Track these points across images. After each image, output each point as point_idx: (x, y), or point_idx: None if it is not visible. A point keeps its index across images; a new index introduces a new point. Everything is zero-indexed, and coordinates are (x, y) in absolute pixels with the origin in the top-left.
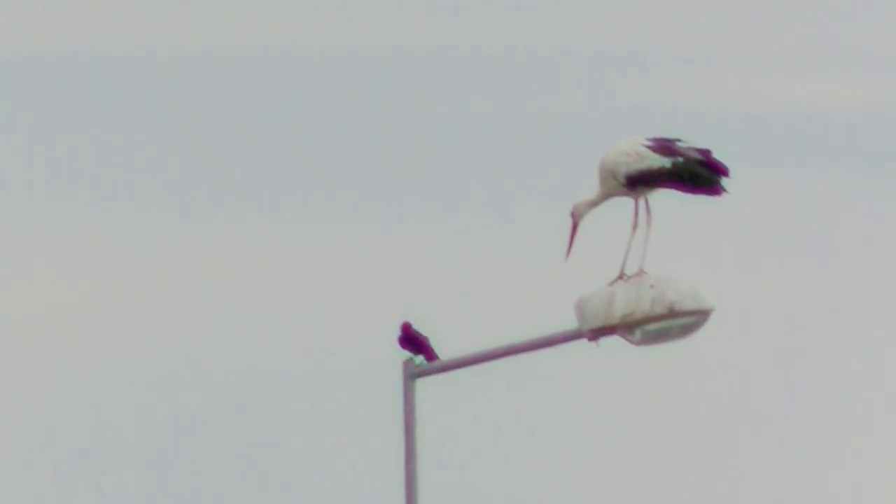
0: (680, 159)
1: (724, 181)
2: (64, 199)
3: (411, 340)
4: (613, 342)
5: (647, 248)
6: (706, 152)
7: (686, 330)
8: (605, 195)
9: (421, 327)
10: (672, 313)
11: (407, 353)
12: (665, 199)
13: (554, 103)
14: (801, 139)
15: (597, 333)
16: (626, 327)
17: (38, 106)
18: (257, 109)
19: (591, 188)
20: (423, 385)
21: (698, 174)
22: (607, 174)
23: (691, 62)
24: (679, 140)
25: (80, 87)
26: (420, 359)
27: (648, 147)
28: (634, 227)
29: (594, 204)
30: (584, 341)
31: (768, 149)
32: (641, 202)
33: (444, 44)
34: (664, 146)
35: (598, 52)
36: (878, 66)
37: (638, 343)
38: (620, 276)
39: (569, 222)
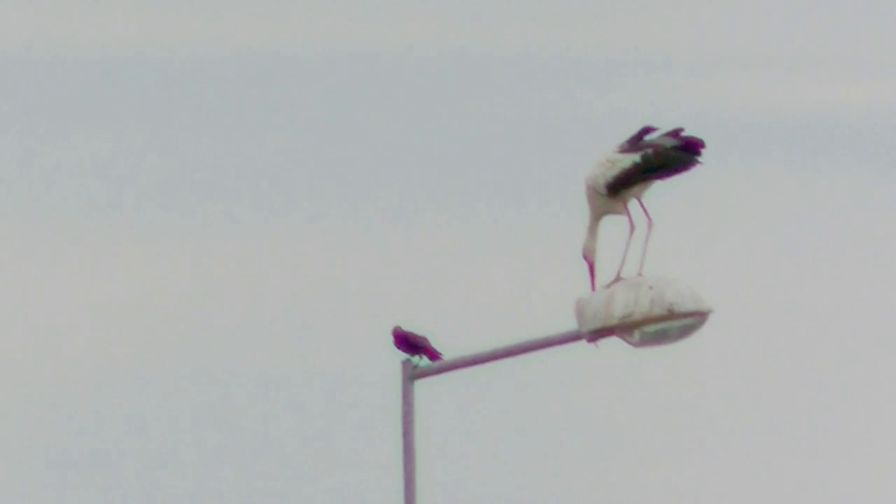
0: (649, 150)
1: (702, 155)
2: (64, 200)
3: (407, 342)
4: (612, 343)
5: (646, 250)
6: (677, 133)
7: (685, 331)
8: (597, 217)
9: (416, 328)
10: (671, 314)
11: (404, 355)
12: (665, 200)
13: (554, 103)
14: (802, 139)
15: (596, 335)
16: (625, 328)
17: (39, 106)
18: (257, 110)
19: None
20: (422, 386)
21: (671, 158)
22: (591, 192)
23: (692, 62)
24: (651, 128)
25: (80, 87)
26: (418, 359)
27: (618, 151)
28: (631, 230)
29: (593, 232)
30: (584, 342)
31: (769, 149)
32: (634, 206)
33: (445, 44)
34: (631, 145)
35: (598, 52)
36: (880, 66)
37: (636, 344)
38: (617, 279)
39: (584, 265)
